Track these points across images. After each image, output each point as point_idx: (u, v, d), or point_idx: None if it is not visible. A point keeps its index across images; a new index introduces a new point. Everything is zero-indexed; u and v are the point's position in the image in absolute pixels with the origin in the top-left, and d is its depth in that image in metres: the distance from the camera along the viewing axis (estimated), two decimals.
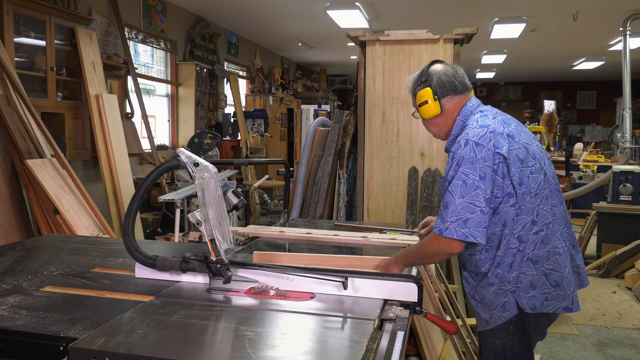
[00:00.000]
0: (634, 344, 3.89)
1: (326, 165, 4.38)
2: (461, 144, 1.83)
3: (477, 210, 1.75)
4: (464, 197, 1.76)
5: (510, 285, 1.86)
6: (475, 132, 1.83)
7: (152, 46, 7.01)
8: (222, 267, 1.60)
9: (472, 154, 1.79)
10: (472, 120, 1.91)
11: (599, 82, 16.49)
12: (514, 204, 1.81)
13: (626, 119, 7.28)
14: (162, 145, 7.23)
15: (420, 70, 2.06)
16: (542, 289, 1.85)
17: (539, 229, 1.84)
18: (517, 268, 1.85)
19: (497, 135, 1.82)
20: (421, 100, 1.99)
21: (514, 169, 1.80)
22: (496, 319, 1.91)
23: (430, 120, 2.03)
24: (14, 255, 2.06)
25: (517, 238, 1.84)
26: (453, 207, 1.77)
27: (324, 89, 13.61)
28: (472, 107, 1.98)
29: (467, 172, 1.77)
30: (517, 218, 1.82)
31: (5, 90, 4.05)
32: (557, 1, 6.92)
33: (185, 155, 1.64)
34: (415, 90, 2.04)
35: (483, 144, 1.80)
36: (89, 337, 1.24)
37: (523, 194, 1.81)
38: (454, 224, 1.75)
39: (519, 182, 1.80)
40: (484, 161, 1.78)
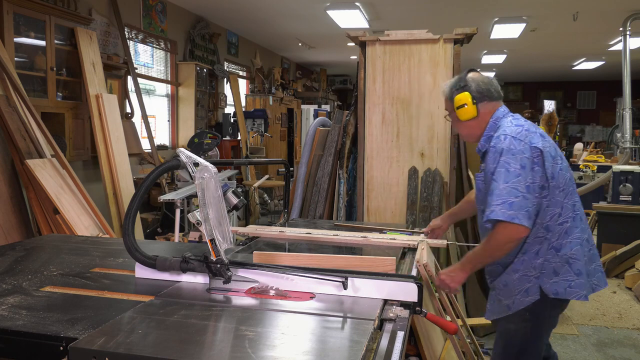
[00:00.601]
0: (634, 344, 3.89)
1: (326, 165, 4.38)
2: (500, 138, 2.03)
3: (520, 195, 1.93)
4: (507, 183, 1.95)
5: (535, 272, 2.04)
6: (512, 129, 2.05)
7: (152, 46, 7.01)
8: (222, 267, 1.60)
9: (511, 146, 1.99)
10: (506, 122, 2.11)
11: (599, 82, 16.49)
12: (546, 196, 2.00)
13: (626, 119, 7.28)
14: (162, 145, 7.23)
15: (458, 77, 2.22)
16: (564, 276, 2.02)
17: (564, 220, 2.03)
18: (542, 255, 2.03)
19: (531, 133, 2.04)
20: (460, 103, 2.16)
21: (548, 163, 1.99)
22: (518, 303, 2.06)
23: (464, 122, 2.20)
24: (14, 255, 2.06)
25: (545, 227, 2.02)
26: (498, 191, 1.95)
27: (324, 89, 13.61)
28: (504, 113, 2.19)
29: (508, 161, 1.97)
30: (546, 209, 2.01)
31: (5, 90, 4.05)
32: (557, 1, 6.92)
33: (185, 155, 1.64)
34: (452, 94, 2.19)
35: (520, 138, 2.01)
36: (89, 337, 1.24)
37: (553, 188, 2.01)
38: (500, 207, 1.94)
39: (551, 175, 2.00)
40: (523, 153, 1.97)
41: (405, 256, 2.18)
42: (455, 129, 2.32)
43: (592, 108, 17.14)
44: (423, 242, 2.28)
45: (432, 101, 4.05)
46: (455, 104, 2.18)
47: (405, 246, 2.27)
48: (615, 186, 5.90)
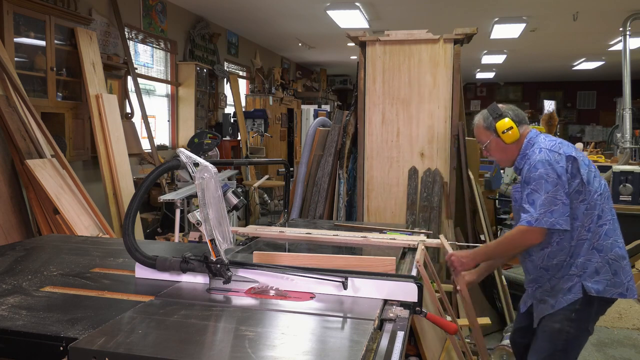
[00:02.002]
0: (634, 344, 3.89)
1: (326, 165, 4.38)
2: (536, 152, 2.22)
3: (560, 203, 2.11)
4: (547, 193, 2.11)
5: (577, 270, 2.18)
6: (546, 143, 2.24)
7: (152, 46, 7.01)
8: (222, 267, 1.60)
9: (547, 157, 2.17)
10: (540, 139, 2.30)
11: (599, 82, 16.48)
12: (583, 200, 2.16)
13: (626, 119, 7.27)
14: (162, 145, 7.23)
15: (487, 109, 2.43)
16: (604, 275, 2.17)
17: (603, 222, 2.20)
18: (584, 255, 2.18)
19: (564, 145, 2.24)
20: (505, 127, 2.33)
21: (583, 170, 2.16)
22: (560, 302, 2.21)
23: (508, 146, 2.36)
24: (14, 255, 2.06)
25: (587, 229, 2.18)
26: (540, 201, 2.12)
27: (324, 89, 13.61)
28: (536, 133, 2.39)
29: (547, 172, 2.14)
30: (587, 212, 2.17)
31: (5, 91, 4.05)
32: (557, 1, 6.92)
33: (185, 156, 1.64)
34: (491, 123, 2.38)
35: (555, 150, 2.20)
36: (89, 337, 1.24)
37: (590, 192, 2.17)
38: (542, 215, 2.11)
39: (587, 181, 2.16)
40: (558, 163, 2.15)
41: (405, 256, 2.18)
42: (494, 156, 2.45)
43: (592, 108, 17.14)
44: (422, 242, 2.28)
45: (432, 101, 4.05)
46: (499, 129, 2.34)
47: (405, 246, 2.27)
48: (615, 186, 5.90)
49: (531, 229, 2.13)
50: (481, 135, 2.45)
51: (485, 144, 2.45)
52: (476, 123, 2.49)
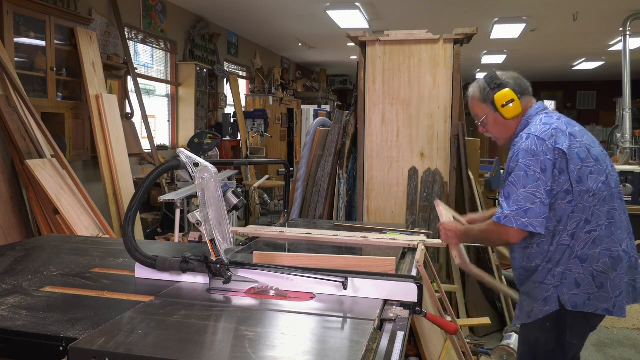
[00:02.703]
0: (633, 344, 3.89)
1: (326, 166, 4.38)
2: (523, 137, 1.93)
3: (538, 201, 1.85)
4: (525, 188, 1.86)
5: (554, 280, 1.93)
6: (538, 128, 1.94)
7: (152, 46, 7.01)
8: (222, 267, 1.60)
9: (533, 147, 1.89)
10: (536, 120, 2.01)
11: (599, 82, 16.48)
12: (570, 201, 1.89)
13: (626, 119, 7.27)
14: (162, 145, 7.23)
15: (484, 78, 2.12)
16: (586, 288, 1.90)
17: (592, 228, 1.90)
18: (564, 264, 1.92)
19: (558, 132, 1.92)
20: (506, 100, 2.04)
21: (573, 166, 1.88)
22: (537, 312, 1.99)
23: (509, 121, 2.08)
24: (14, 256, 2.06)
25: (570, 235, 1.91)
26: (515, 197, 1.87)
27: (324, 89, 13.61)
28: (538, 109, 2.08)
29: (528, 164, 1.88)
30: (572, 215, 1.90)
31: (5, 91, 4.05)
32: (557, 1, 6.92)
33: (185, 156, 1.64)
34: (489, 94, 2.08)
35: (544, 138, 1.90)
36: (89, 338, 1.24)
37: (581, 192, 1.89)
38: (514, 213, 1.86)
39: (578, 179, 1.88)
40: (545, 155, 1.88)
41: (405, 256, 2.18)
42: (491, 133, 2.15)
43: (592, 108, 17.14)
44: (422, 242, 2.28)
45: (432, 101, 4.05)
46: (498, 103, 2.05)
47: (405, 246, 2.27)
48: None
49: (501, 226, 1.89)
50: (476, 109, 2.15)
51: (481, 119, 2.14)
52: (470, 94, 2.16)
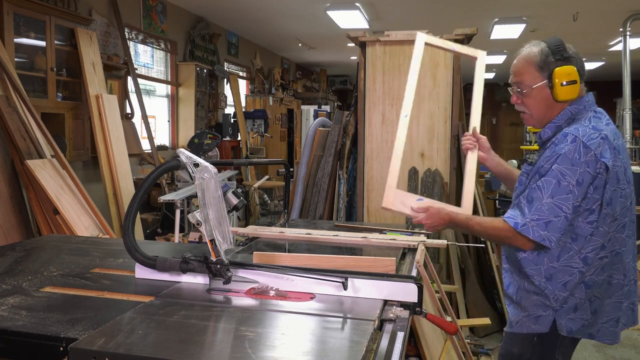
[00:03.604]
0: (633, 345, 3.89)
1: (326, 166, 4.38)
2: (568, 139, 1.66)
3: (562, 216, 1.64)
4: (552, 198, 1.65)
5: (556, 304, 1.74)
6: (586, 131, 1.66)
7: (152, 46, 7.01)
8: (222, 267, 1.60)
9: (576, 154, 1.64)
10: (584, 118, 1.72)
11: (599, 83, 16.42)
12: (592, 222, 1.68)
13: (626, 120, 7.28)
14: (162, 145, 7.23)
15: (548, 44, 1.76)
16: (582, 314, 1.74)
17: (605, 255, 1.71)
18: (570, 289, 1.72)
19: (606, 144, 1.66)
20: (568, 79, 1.70)
21: (609, 186, 1.66)
22: (521, 326, 1.80)
23: (557, 103, 1.76)
24: (14, 256, 2.05)
25: (583, 259, 1.70)
26: (538, 204, 1.66)
27: (324, 90, 13.61)
28: (588, 103, 1.79)
29: (564, 172, 1.64)
30: (590, 237, 1.69)
31: (6, 91, 4.05)
32: (557, 1, 6.92)
33: (185, 156, 1.64)
34: (550, 64, 1.73)
35: (591, 147, 1.64)
36: (89, 338, 1.24)
37: (606, 216, 1.68)
38: (534, 223, 1.66)
39: (608, 201, 1.67)
40: (587, 166, 1.63)
41: (405, 256, 2.18)
42: (528, 108, 1.81)
43: None
44: (423, 242, 2.28)
45: (432, 101, 4.05)
46: (558, 78, 1.70)
47: (405, 247, 2.26)
48: None
49: (516, 232, 1.70)
50: (525, 75, 1.78)
51: (525, 88, 1.78)
52: (525, 55, 1.79)
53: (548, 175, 1.66)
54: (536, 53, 1.76)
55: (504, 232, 1.73)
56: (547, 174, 1.66)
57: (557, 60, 1.73)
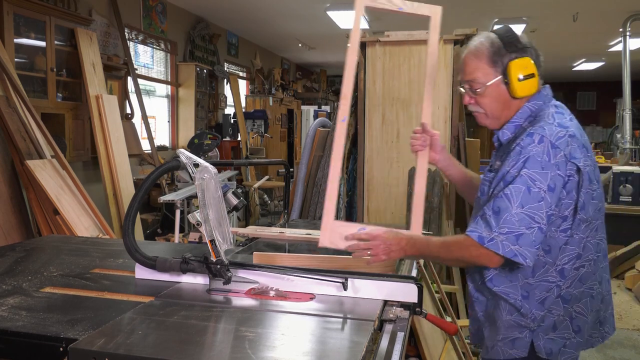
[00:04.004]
0: (634, 345, 3.89)
1: (326, 166, 4.38)
2: (534, 139, 1.47)
3: (535, 227, 1.44)
4: (523, 207, 1.44)
5: (533, 324, 1.54)
6: (553, 130, 1.48)
7: (152, 47, 7.01)
8: (222, 268, 1.60)
9: (545, 155, 1.45)
10: (546, 115, 1.54)
11: (599, 83, 16.49)
12: (566, 230, 1.50)
13: (626, 120, 7.29)
14: (162, 146, 7.24)
15: (498, 34, 1.58)
16: (563, 332, 1.55)
17: (581, 264, 1.54)
18: (548, 306, 1.53)
19: (574, 142, 1.49)
20: (525, 73, 1.53)
21: (583, 190, 1.49)
22: (497, 352, 1.60)
23: (514, 100, 1.58)
24: (14, 256, 2.05)
25: (559, 272, 1.52)
26: (508, 215, 1.45)
27: (324, 90, 13.61)
28: (546, 98, 1.61)
29: (534, 177, 1.45)
30: (564, 247, 1.52)
31: (6, 91, 4.05)
32: (557, 2, 6.92)
33: (185, 156, 1.64)
34: (503, 58, 1.55)
35: (560, 147, 1.46)
36: (89, 338, 1.24)
37: (579, 221, 1.51)
38: (503, 236, 1.44)
39: (582, 206, 1.49)
40: (557, 168, 1.45)
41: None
42: (484, 108, 1.62)
43: (592, 109, 17.15)
44: None
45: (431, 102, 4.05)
46: (513, 73, 1.53)
47: None
48: (615, 187, 5.91)
49: (482, 248, 1.47)
50: (477, 72, 1.58)
51: (478, 87, 1.58)
52: (474, 49, 1.60)
53: (516, 182, 1.46)
54: (487, 46, 1.57)
55: (468, 249, 1.50)
56: (515, 181, 1.46)
57: (510, 52, 1.55)
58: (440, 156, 1.84)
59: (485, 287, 1.60)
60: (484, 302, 1.64)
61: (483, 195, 1.60)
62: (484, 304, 1.64)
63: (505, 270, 1.54)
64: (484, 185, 1.61)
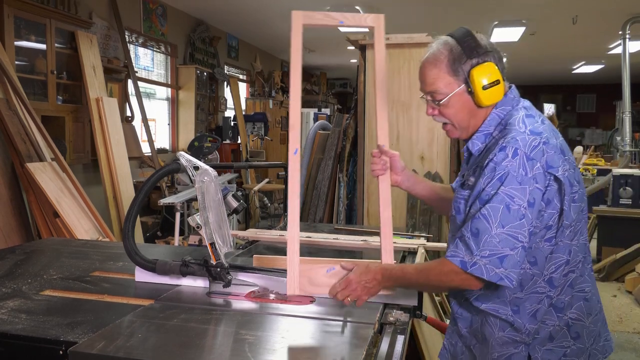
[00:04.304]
0: (634, 348, 3.88)
1: (326, 169, 4.38)
2: (508, 153, 1.37)
3: (519, 247, 1.35)
4: (504, 227, 1.34)
5: (527, 337, 1.45)
6: (526, 140, 1.39)
7: (153, 49, 7.02)
8: (222, 270, 1.60)
9: (521, 170, 1.35)
10: (517, 121, 1.44)
11: (598, 86, 16.50)
12: (551, 239, 1.42)
13: (626, 123, 7.29)
14: (162, 148, 7.24)
15: (456, 38, 1.47)
16: (561, 341, 1.47)
17: (570, 269, 1.46)
18: (540, 317, 1.45)
19: (550, 149, 1.39)
20: (490, 80, 1.43)
21: (566, 197, 1.41)
22: None
23: (480, 109, 1.49)
24: (14, 259, 2.05)
25: (548, 281, 1.44)
26: (488, 237, 1.35)
27: (324, 93, 13.63)
28: (513, 100, 1.51)
29: (512, 194, 1.35)
30: (551, 256, 1.43)
31: (6, 94, 4.06)
32: (556, 4, 6.93)
33: (185, 159, 1.64)
34: (464, 65, 1.45)
35: (535, 158, 1.37)
36: (89, 341, 1.24)
37: (564, 228, 1.42)
38: (486, 260, 1.34)
39: (567, 212, 1.42)
40: (535, 182, 1.36)
41: (405, 260, 2.18)
42: (450, 118, 1.52)
43: (592, 111, 17.17)
44: (423, 245, 2.28)
45: None
46: (477, 81, 1.43)
47: (405, 250, 2.27)
48: (615, 189, 5.91)
49: (464, 274, 1.37)
50: (438, 82, 1.47)
51: (441, 97, 1.48)
52: (432, 58, 1.48)
53: (493, 201, 1.36)
54: (445, 54, 1.46)
55: (449, 275, 1.40)
56: (492, 199, 1.36)
57: (471, 58, 1.44)
58: (402, 177, 1.76)
59: (471, 305, 1.51)
60: (468, 318, 1.54)
61: (459, 213, 1.50)
62: (468, 320, 1.54)
63: (491, 289, 1.45)
64: (459, 203, 1.50)
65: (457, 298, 1.56)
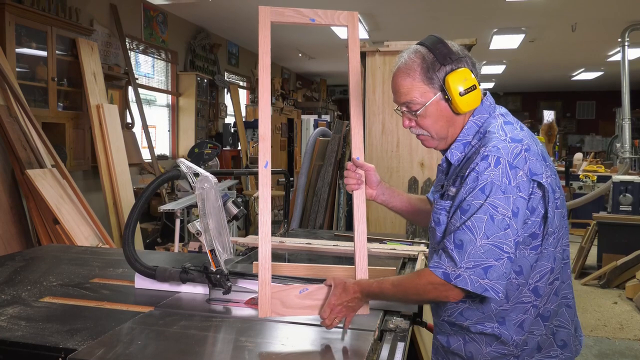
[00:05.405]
0: (635, 355, 3.87)
1: (326, 175, 4.39)
2: (490, 162, 1.33)
3: (504, 257, 1.30)
4: (488, 238, 1.30)
5: (516, 350, 1.40)
6: (507, 148, 1.35)
7: (153, 57, 7.04)
8: (222, 277, 1.60)
9: (505, 179, 1.31)
10: (495, 127, 1.41)
11: (598, 92, 16.55)
12: (536, 247, 1.38)
13: (625, 129, 7.31)
14: (162, 155, 7.24)
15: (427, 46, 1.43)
16: (548, 351, 1.43)
17: (555, 277, 1.43)
18: (527, 328, 1.41)
19: (532, 156, 1.36)
20: (466, 85, 1.39)
21: (550, 204, 1.37)
22: None
23: (458, 117, 1.45)
24: (14, 266, 2.05)
25: (533, 290, 1.40)
26: (473, 249, 1.30)
27: (324, 99, 13.65)
28: (490, 108, 1.48)
29: (495, 204, 1.31)
30: (536, 264, 1.40)
31: (7, 101, 4.07)
32: (556, 12, 6.96)
33: (186, 166, 1.64)
34: (438, 72, 1.41)
35: (518, 166, 1.33)
36: (88, 348, 1.24)
37: (548, 235, 1.39)
38: (470, 271, 1.30)
39: (551, 219, 1.38)
40: (519, 190, 1.32)
41: (405, 266, 2.18)
42: (425, 129, 1.48)
43: (592, 118, 17.20)
44: (423, 252, 2.28)
45: None
46: (453, 88, 1.39)
47: (405, 256, 2.26)
48: (615, 196, 5.91)
49: (447, 285, 1.32)
50: (413, 92, 1.42)
51: (417, 107, 1.43)
52: (405, 67, 1.43)
53: (477, 212, 1.32)
54: (418, 62, 1.42)
55: (426, 287, 1.36)
56: (478, 211, 1.32)
57: (445, 65, 1.40)
58: (378, 191, 1.73)
59: (454, 323, 1.46)
60: (452, 335, 1.48)
61: (439, 225, 1.45)
62: (453, 338, 1.48)
63: (476, 302, 1.41)
64: (439, 214, 1.44)
65: (439, 315, 1.51)
